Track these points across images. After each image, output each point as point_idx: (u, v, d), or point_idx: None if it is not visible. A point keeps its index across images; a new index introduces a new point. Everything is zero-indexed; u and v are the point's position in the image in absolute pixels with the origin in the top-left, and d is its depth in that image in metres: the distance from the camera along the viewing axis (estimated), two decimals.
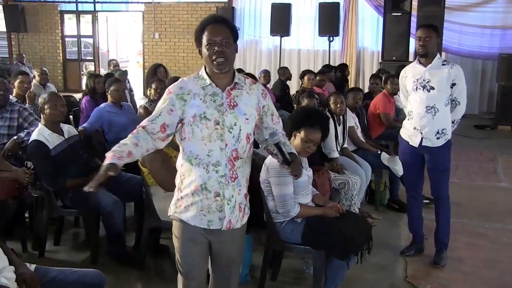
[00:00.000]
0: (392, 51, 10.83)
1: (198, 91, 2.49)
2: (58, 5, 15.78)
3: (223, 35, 2.43)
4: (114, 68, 10.33)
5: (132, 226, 4.74)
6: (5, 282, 2.51)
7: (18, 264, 2.68)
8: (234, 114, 2.48)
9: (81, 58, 16.44)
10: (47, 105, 4.21)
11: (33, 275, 2.65)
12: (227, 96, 2.49)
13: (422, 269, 4.34)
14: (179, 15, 14.84)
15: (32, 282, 2.59)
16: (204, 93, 2.48)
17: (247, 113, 2.51)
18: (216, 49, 2.41)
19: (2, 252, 2.65)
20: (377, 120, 6.79)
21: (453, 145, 4.33)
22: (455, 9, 12.00)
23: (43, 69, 8.08)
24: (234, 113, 2.48)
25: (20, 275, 2.59)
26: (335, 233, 3.43)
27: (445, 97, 4.15)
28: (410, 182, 4.58)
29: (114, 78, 6.26)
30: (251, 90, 2.55)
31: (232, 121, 2.47)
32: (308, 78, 8.01)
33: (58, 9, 15.81)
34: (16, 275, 2.59)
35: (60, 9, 15.86)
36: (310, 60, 13.76)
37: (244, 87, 2.54)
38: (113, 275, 3.96)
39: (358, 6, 13.30)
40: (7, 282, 2.52)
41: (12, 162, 4.58)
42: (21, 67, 11.72)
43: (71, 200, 4.29)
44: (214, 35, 2.43)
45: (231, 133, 2.47)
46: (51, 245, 4.60)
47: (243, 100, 2.51)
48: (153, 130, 2.46)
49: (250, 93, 2.54)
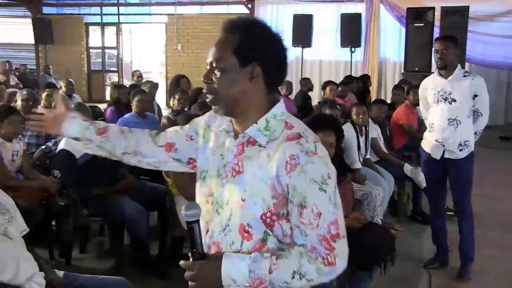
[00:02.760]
0: (415, 62, 10.76)
1: (215, 135, 1.74)
2: (84, 17, 16.07)
3: (214, 55, 1.62)
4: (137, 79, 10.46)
5: (155, 235, 4.79)
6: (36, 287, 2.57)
7: (47, 270, 2.74)
8: (232, 186, 1.61)
9: (105, 69, 16.70)
10: None
11: (62, 282, 2.71)
12: (238, 153, 1.62)
13: (446, 282, 4.31)
14: (201, 26, 14.96)
15: None
16: (217, 139, 1.72)
17: (249, 189, 1.57)
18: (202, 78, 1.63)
19: (33, 258, 2.72)
20: (400, 131, 6.76)
21: (476, 156, 4.30)
22: (479, 19, 11.88)
23: (69, 80, 8.26)
24: (233, 184, 1.61)
25: (49, 281, 2.65)
26: (358, 244, 3.41)
27: (467, 109, 4.13)
28: (433, 194, 4.55)
29: (138, 89, 6.37)
30: (274, 152, 1.54)
31: (225, 197, 1.63)
32: (330, 89, 8.04)
33: (83, 21, 16.10)
34: (45, 281, 2.65)
35: (85, 21, 16.15)
36: (331, 71, 13.75)
37: (268, 144, 1.56)
38: (137, 284, 3.98)
39: (380, 17, 13.25)
40: (38, 287, 2.58)
41: (40, 171, 4.70)
42: (48, 79, 11.94)
43: (96, 209, 4.36)
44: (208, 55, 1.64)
45: (218, 216, 1.64)
46: (77, 253, 4.68)
47: (254, 166, 1.57)
48: (158, 138, 1.84)
49: (272, 157, 1.55)
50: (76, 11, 15.98)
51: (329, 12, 13.72)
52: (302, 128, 1.59)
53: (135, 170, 5.28)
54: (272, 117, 1.59)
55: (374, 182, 5.08)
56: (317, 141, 1.57)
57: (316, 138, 1.59)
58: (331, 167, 1.57)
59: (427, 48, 10.50)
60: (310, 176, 1.50)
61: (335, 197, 1.55)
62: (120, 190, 4.41)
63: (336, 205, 1.55)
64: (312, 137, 1.58)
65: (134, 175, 4.83)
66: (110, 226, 4.53)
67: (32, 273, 2.62)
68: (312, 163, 1.51)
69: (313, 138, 1.57)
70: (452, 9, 10.47)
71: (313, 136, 1.59)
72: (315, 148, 1.54)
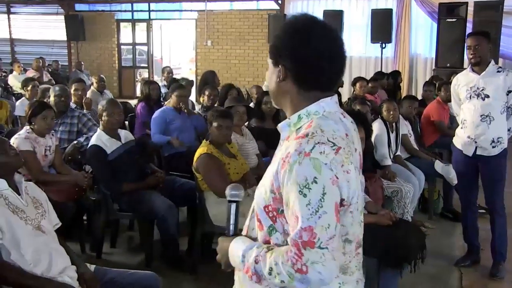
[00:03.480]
0: (446, 58, 10.59)
1: None
2: (115, 14, 16.25)
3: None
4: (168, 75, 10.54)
5: (185, 231, 4.83)
6: (68, 280, 2.62)
7: (79, 264, 2.79)
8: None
9: (136, 65, 16.88)
10: (105, 112, 4.35)
11: (93, 275, 2.76)
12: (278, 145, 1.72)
13: (478, 280, 4.25)
14: (231, 22, 14.99)
15: (93, 282, 2.71)
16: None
17: (263, 179, 1.67)
18: None
19: (65, 252, 2.77)
20: (431, 128, 6.68)
21: (510, 153, 4.22)
22: None
23: (101, 76, 8.33)
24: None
25: (81, 274, 2.71)
26: (388, 241, 3.40)
27: (501, 105, 4.07)
28: (465, 192, 4.49)
29: (178, 84, 6.41)
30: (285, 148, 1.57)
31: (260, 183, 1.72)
32: (360, 85, 7.96)
33: (114, 18, 16.27)
34: (77, 274, 2.70)
35: (117, 18, 16.32)
36: (362, 67, 13.61)
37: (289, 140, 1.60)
38: (166, 279, 4.01)
39: (412, 13, 13.07)
40: (71, 280, 2.63)
41: (72, 166, 4.78)
42: (80, 75, 12.12)
43: (127, 204, 4.41)
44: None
45: (251, 200, 1.75)
46: (108, 247, 4.74)
47: (275, 158, 1.65)
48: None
49: (281, 151, 1.59)
50: (107, 8, 16.16)
51: (360, 7, 13.60)
52: (319, 128, 1.52)
53: (165, 165, 5.37)
54: (305, 114, 1.59)
55: (405, 179, 5.03)
56: (323, 143, 1.47)
57: (329, 141, 1.48)
58: (326, 172, 1.45)
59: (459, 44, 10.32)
60: (294, 177, 1.47)
61: (318, 204, 1.45)
62: (150, 186, 4.45)
63: (316, 213, 1.45)
64: (320, 137, 1.49)
65: (164, 171, 4.87)
66: (140, 221, 4.58)
67: (64, 267, 2.68)
68: (299, 164, 1.47)
69: (319, 139, 1.48)
70: (486, 4, 10.26)
71: (325, 138, 1.49)
72: (311, 149, 1.46)
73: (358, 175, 1.59)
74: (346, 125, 1.61)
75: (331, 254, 1.46)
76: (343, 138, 1.54)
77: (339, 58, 1.62)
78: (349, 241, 1.60)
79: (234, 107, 5.01)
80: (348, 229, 1.58)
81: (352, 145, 1.59)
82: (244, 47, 14.86)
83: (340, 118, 1.61)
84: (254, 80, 13.64)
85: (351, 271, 1.63)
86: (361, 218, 1.66)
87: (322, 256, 1.45)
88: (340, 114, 1.63)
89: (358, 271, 1.67)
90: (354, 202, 1.56)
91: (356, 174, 1.56)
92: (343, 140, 1.53)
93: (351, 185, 1.52)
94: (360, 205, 1.61)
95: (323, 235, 1.45)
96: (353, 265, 1.64)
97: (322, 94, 1.60)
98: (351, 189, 1.52)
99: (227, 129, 4.19)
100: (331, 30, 1.62)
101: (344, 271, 1.61)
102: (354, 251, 1.63)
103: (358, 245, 1.65)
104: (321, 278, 1.46)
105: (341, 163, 1.48)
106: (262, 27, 14.42)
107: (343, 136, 1.55)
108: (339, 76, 1.64)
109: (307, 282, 1.47)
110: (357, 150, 1.65)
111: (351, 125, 1.65)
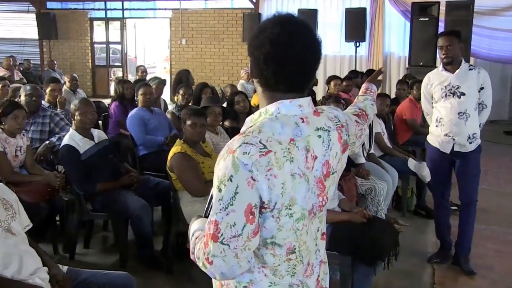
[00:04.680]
0: (419, 57, 10.71)
1: None
2: (88, 12, 16.08)
3: None
4: (142, 74, 10.46)
5: (159, 230, 4.80)
6: (39, 282, 2.58)
7: (51, 265, 2.75)
8: None
9: (110, 64, 16.72)
10: (77, 112, 4.30)
11: (65, 276, 2.72)
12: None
13: (450, 276, 4.31)
14: (206, 21, 14.95)
15: (65, 283, 2.67)
16: None
17: None
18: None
19: (36, 253, 2.73)
20: (404, 126, 6.75)
21: (482, 151, 4.30)
22: (484, 14, 11.80)
23: (73, 75, 8.22)
24: None
25: (53, 276, 2.66)
26: (362, 239, 3.43)
27: (475, 102, 4.16)
28: (438, 189, 4.56)
29: (142, 83, 6.35)
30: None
31: None
32: (335, 83, 8.00)
33: (87, 17, 16.10)
34: (49, 276, 2.66)
35: (90, 17, 16.15)
36: (336, 66, 13.71)
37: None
38: (141, 278, 4.01)
39: (385, 11, 13.21)
40: (42, 282, 2.59)
41: (44, 166, 4.72)
42: (52, 74, 11.96)
43: (101, 204, 4.37)
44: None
45: None
46: (81, 248, 4.69)
47: None
48: None
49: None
50: (80, 6, 15.98)
51: (334, 6, 13.70)
52: (258, 128, 1.52)
53: (139, 165, 5.33)
54: (264, 112, 1.60)
55: (378, 176, 5.07)
56: (252, 144, 1.47)
57: (260, 143, 1.47)
58: (242, 172, 1.45)
59: (432, 43, 10.46)
60: (217, 171, 1.51)
61: (228, 202, 1.47)
62: (124, 185, 4.42)
63: (225, 209, 1.47)
64: (251, 138, 1.49)
65: (138, 170, 4.84)
66: (114, 221, 4.54)
67: (35, 268, 2.63)
68: (224, 159, 1.49)
69: (249, 139, 1.48)
70: (457, 4, 10.41)
71: (256, 139, 1.48)
72: (237, 147, 1.47)
73: (304, 181, 1.54)
74: (301, 131, 1.56)
75: (233, 251, 1.48)
76: (280, 143, 1.50)
77: (302, 60, 1.57)
78: (277, 244, 1.58)
79: (210, 107, 5.00)
80: (273, 233, 1.56)
81: (297, 151, 1.53)
82: (219, 46, 14.83)
83: (297, 123, 1.56)
84: (229, 79, 13.63)
85: (281, 274, 1.61)
86: (298, 226, 1.58)
87: (223, 252, 1.49)
88: (300, 118, 1.58)
89: (292, 276, 1.63)
90: (279, 207, 1.51)
91: (295, 180, 1.52)
92: (280, 144, 1.50)
93: (276, 189, 1.48)
94: (298, 213, 1.56)
95: (227, 232, 1.47)
96: (283, 269, 1.61)
97: (283, 96, 1.58)
98: (274, 193, 1.48)
99: (201, 127, 4.18)
100: (300, 32, 1.57)
101: (274, 272, 1.61)
102: (284, 256, 1.60)
103: (290, 251, 1.60)
104: (222, 272, 1.51)
105: (267, 166, 1.46)
106: (237, 25, 14.42)
107: (284, 141, 1.51)
108: (303, 79, 1.61)
109: (212, 274, 1.55)
110: (318, 157, 1.60)
111: (312, 132, 1.59)
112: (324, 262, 1.78)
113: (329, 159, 1.64)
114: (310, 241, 1.66)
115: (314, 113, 1.64)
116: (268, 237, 1.56)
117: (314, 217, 1.64)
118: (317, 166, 1.60)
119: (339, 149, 1.69)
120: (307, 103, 1.61)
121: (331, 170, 1.66)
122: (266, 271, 1.61)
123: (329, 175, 1.65)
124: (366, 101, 2.23)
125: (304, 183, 1.55)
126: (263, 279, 1.60)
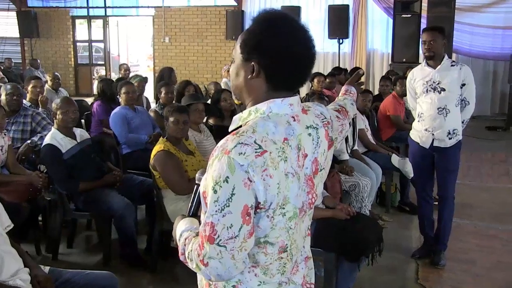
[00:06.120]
0: (402, 53, 10.81)
1: None
2: (70, 10, 15.93)
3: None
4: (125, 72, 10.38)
5: (143, 229, 4.78)
6: (20, 283, 2.55)
7: (32, 266, 2.72)
8: None
9: (92, 63, 16.58)
10: (59, 111, 4.26)
11: (47, 277, 2.69)
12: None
13: (433, 271, 4.34)
14: (189, 19, 14.90)
15: (47, 283, 2.65)
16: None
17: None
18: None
19: (17, 254, 2.70)
20: (387, 122, 6.79)
21: (464, 146, 4.34)
22: (465, 10, 11.92)
23: (55, 74, 8.14)
24: None
25: (34, 276, 2.64)
26: (346, 235, 3.44)
27: (455, 98, 4.18)
28: (421, 184, 4.60)
29: (124, 81, 6.30)
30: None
31: None
32: (318, 80, 8.01)
33: (69, 15, 15.96)
34: (31, 276, 2.63)
35: (72, 15, 16.00)
36: (319, 63, 13.72)
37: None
38: (125, 278, 3.99)
39: (368, 8, 13.28)
40: (23, 283, 2.56)
41: (25, 166, 4.67)
42: (34, 72, 11.83)
43: (84, 203, 4.33)
44: None
45: None
46: (64, 247, 4.65)
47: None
48: None
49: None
50: (62, 4, 15.82)
51: (317, 3, 13.74)
52: (252, 128, 1.50)
53: (122, 164, 5.30)
54: (254, 111, 1.57)
55: (362, 173, 5.09)
56: (247, 144, 1.44)
57: (255, 143, 1.45)
58: (239, 173, 1.43)
59: (414, 39, 10.57)
60: (211, 172, 1.48)
61: (224, 203, 1.45)
62: (107, 184, 4.39)
63: (222, 211, 1.45)
64: (246, 138, 1.46)
65: (121, 169, 4.80)
66: (97, 220, 4.51)
67: (16, 269, 2.60)
68: (218, 160, 1.46)
69: (244, 140, 1.45)
70: (439, 0, 10.50)
71: (251, 139, 1.45)
72: (232, 147, 1.44)
73: (296, 180, 1.53)
74: (293, 129, 1.55)
75: (230, 253, 1.47)
76: (275, 142, 1.49)
77: (309, 59, 1.59)
78: (270, 243, 1.57)
79: (194, 104, 4.97)
80: (267, 232, 1.55)
81: (290, 150, 1.52)
82: (202, 44, 14.79)
83: (288, 121, 1.56)
84: (213, 77, 13.60)
85: (271, 273, 1.61)
86: (291, 225, 1.58)
87: (219, 253, 1.47)
88: (291, 117, 1.57)
89: (282, 275, 1.63)
90: (274, 207, 1.50)
91: (288, 179, 1.51)
92: (275, 144, 1.48)
93: (271, 190, 1.47)
94: (290, 211, 1.55)
95: (224, 233, 1.46)
96: (274, 267, 1.61)
97: (275, 94, 1.57)
98: (270, 193, 1.47)
99: (184, 123, 4.16)
100: (306, 31, 1.60)
101: (265, 271, 1.60)
102: (276, 255, 1.59)
103: (282, 250, 1.60)
104: (218, 273, 1.50)
105: (262, 166, 1.44)
106: (220, 23, 14.38)
107: (278, 140, 1.50)
108: (299, 78, 1.62)
109: (207, 276, 1.53)
110: (308, 155, 1.59)
111: (303, 130, 1.59)
112: (309, 258, 1.78)
113: (318, 156, 1.64)
114: (300, 239, 1.67)
115: (302, 111, 1.64)
116: (262, 236, 1.55)
117: (304, 215, 1.63)
118: (307, 164, 1.59)
119: (326, 146, 1.68)
120: (296, 101, 1.60)
121: (319, 167, 1.65)
122: (256, 270, 1.59)
123: (317, 172, 1.65)
124: (346, 100, 2.27)
125: (296, 182, 1.54)
126: (252, 278, 1.59)
